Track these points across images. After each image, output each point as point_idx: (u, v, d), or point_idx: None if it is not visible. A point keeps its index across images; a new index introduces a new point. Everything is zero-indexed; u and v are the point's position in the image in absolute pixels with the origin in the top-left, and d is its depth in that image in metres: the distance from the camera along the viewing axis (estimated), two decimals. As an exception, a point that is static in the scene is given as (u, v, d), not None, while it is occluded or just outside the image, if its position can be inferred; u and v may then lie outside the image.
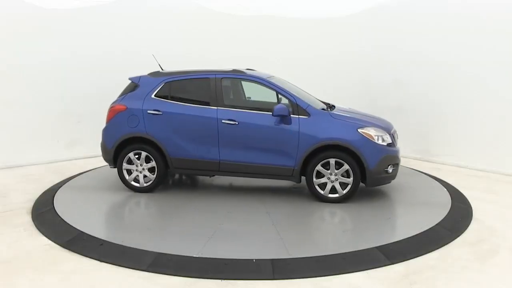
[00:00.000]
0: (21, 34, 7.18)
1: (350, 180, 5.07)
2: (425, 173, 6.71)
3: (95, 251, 3.86)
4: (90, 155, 7.77)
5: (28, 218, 4.75)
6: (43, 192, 5.63)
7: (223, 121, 5.27)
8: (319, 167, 5.09)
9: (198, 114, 5.37)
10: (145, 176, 5.62)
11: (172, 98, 5.55)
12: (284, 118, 5.14)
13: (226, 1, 9.52)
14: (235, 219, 4.67)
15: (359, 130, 5.07)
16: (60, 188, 5.74)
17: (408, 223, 4.57)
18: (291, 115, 5.16)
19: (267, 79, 5.49)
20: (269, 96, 5.67)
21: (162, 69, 6.07)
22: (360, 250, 3.85)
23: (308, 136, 5.08)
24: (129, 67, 8.21)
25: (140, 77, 5.82)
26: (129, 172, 5.65)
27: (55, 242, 4.10)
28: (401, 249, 3.92)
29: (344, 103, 6.23)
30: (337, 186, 5.11)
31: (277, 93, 5.37)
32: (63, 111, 7.64)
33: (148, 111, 5.52)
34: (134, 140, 5.60)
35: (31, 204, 5.20)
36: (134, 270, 3.53)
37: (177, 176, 6.62)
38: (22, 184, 6.08)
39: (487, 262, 3.73)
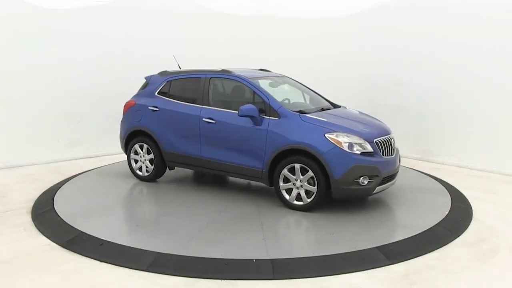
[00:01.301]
0: (21, 34, 7.18)
1: (315, 188, 4.73)
2: (425, 173, 6.71)
3: (95, 251, 3.86)
4: (90, 155, 7.78)
5: (28, 218, 4.75)
6: (43, 192, 5.63)
7: (203, 119, 5.46)
8: (285, 172, 4.86)
9: (186, 111, 5.64)
10: (146, 166, 6.10)
11: (170, 96, 5.95)
12: (253, 119, 5.06)
13: (226, 1, 9.52)
14: (182, 213, 4.85)
15: (326, 135, 4.69)
16: (60, 188, 5.74)
17: (408, 223, 4.57)
18: (265, 116, 5.04)
19: (248, 79, 5.39)
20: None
21: (180, 68, 6.41)
22: (360, 250, 3.85)
23: (275, 139, 4.91)
24: (129, 67, 8.26)
25: (151, 76, 6.31)
26: (136, 161, 6.20)
27: (55, 242, 4.10)
28: (401, 249, 3.92)
29: (344, 103, 6.22)
30: (302, 193, 4.81)
31: (254, 93, 5.29)
32: (63, 111, 7.64)
33: (149, 107, 5.99)
34: (139, 133, 6.10)
35: (31, 204, 5.20)
36: (134, 270, 3.53)
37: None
38: (22, 184, 6.08)
39: (487, 262, 3.73)
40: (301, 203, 4.86)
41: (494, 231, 4.44)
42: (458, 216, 4.80)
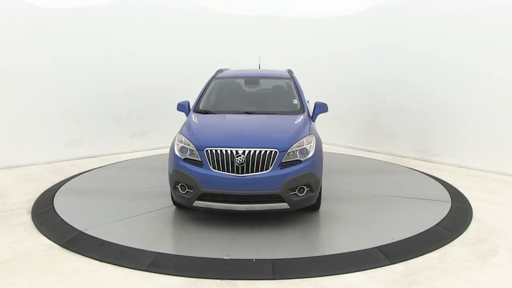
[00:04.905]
0: (21, 34, 7.17)
1: None
2: (425, 173, 6.71)
3: (95, 251, 3.87)
4: (90, 155, 7.77)
5: (28, 218, 4.76)
6: (43, 192, 5.63)
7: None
8: None
9: None
10: None
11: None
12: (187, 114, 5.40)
13: (227, 1, 9.51)
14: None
15: (178, 135, 4.74)
16: (60, 188, 5.74)
17: (408, 223, 4.57)
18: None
19: (212, 77, 5.83)
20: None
21: (259, 68, 6.70)
22: (360, 250, 3.85)
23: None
24: (129, 67, 8.26)
25: None
26: None
27: (55, 242, 4.10)
28: (401, 249, 3.93)
29: (344, 103, 6.22)
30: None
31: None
32: (63, 111, 7.64)
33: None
34: None
35: (31, 204, 5.20)
36: (134, 270, 3.53)
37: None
38: (22, 184, 6.08)
39: (487, 262, 3.73)
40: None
41: (494, 231, 4.44)
42: (458, 216, 4.80)
